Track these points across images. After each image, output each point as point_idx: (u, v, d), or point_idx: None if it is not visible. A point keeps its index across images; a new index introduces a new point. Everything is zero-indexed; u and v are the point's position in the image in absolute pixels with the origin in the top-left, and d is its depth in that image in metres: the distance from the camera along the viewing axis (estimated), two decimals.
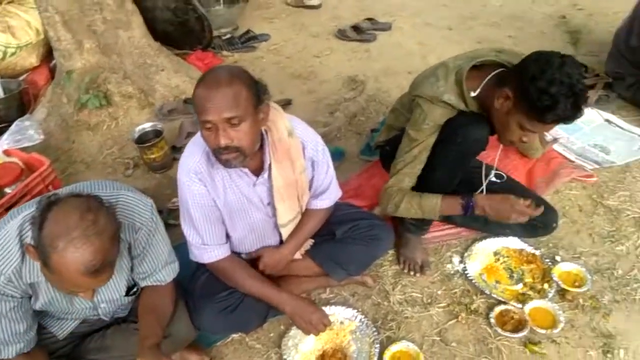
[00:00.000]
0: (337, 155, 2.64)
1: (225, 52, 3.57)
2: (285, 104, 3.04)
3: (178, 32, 3.42)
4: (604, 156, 2.49)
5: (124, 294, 1.55)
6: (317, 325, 1.74)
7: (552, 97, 1.46)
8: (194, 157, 1.57)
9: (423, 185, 1.88)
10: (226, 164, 1.48)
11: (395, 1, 4.30)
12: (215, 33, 3.70)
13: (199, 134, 1.55)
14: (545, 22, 3.77)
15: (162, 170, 2.65)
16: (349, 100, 3.02)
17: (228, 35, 3.79)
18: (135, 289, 1.59)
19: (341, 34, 3.77)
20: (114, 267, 1.29)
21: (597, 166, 2.43)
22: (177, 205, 2.38)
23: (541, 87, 1.46)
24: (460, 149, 1.76)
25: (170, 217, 2.36)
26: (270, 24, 4.07)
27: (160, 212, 2.29)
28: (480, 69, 1.72)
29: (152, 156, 2.56)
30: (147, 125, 2.66)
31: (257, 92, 1.44)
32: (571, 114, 1.51)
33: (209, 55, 3.39)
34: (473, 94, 1.70)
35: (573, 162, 2.46)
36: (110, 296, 1.53)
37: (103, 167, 2.76)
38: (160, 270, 1.59)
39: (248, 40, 3.71)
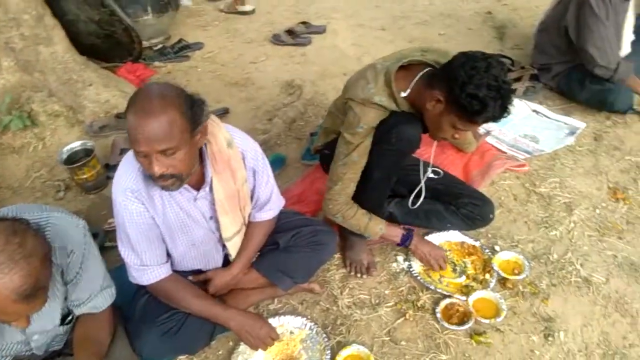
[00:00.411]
0: (279, 162, 2.62)
1: (157, 63, 3.47)
2: (223, 113, 2.98)
3: (105, 44, 3.28)
4: (534, 145, 2.60)
5: (58, 323, 1.46)
6: (264, 339, 1.71)
7: (481, 101, 1.52)
8: (128, 175, 1.50)
9: (362, 186, 1.90)
10: (164, 189, 1.44)
11: (328, 4, 4.33)
12: (146, 44, 3.60)
13: (129, 155, 1.49)
14: (473, 19, 3.90)
15: (96, 191, 2.53)
16: (287, 105, 3.00)
17: (160, 46, 3.68)
18: (70, 317, 1.51)
19: (276, 39, 3.74)
20: (47, 291, 1.21)
21: (528, 155, 2.53)
22: (114, 226, 2.27)
23: (471, 93, 1.52)
24: (395, 149, 1.78)
25: (106, 239, 2.26)
26: (204, 32, 3.99)
27: (95, 234, 2.23)
28: (408, 69, 1.75)
29: (84, 176, 2.44)
30: (77, 144, 2.53)
31: (194, 116, 1.37)
32: (499, 114, 1.58)
33: (140, 67, 3.27)
34: (403, 95, 1.73)
35: (505, 153, 2.56)
36: (44, 326, 1.43)
37: (32, 191, 2.60)
38: (95, 295, 1.52)
39: (181, 49, 3.62)
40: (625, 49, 2.74)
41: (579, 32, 2.62)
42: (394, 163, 1.85)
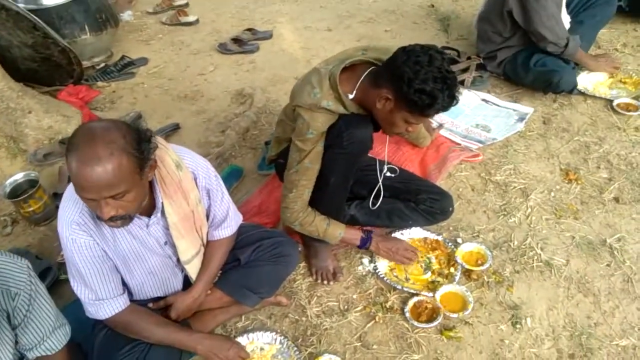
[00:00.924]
0: (236, 174, 2.57)
1: (100, 83, 3.34)
2: (174, 129, 2.90)
3: (44, 68, 3.14)
4: (486, 134, 2.63)
5: None
6: None
7: (430, 94, 1.54)
8: (72, 209, 1.43)
9: (320, 193, 1.87)
10: (114, 226, 1.40)
11: (273, 8, 4.28)
12: (87, 63, 3.47)
13: (71, 188, 1.41)
14: (417, 13, 3.93)
15: (46, 222, 2.41)
16: (238, 115, 2.94)
17: (102, 65, 3.55)
18: None
19: (222, 48, 3.68)
20: None
21: (481, 145, 2.56)
22: None
23: (419, 89, 1.53)
24: (348, 152, 1.77)
25: (60, 272, 2.15)
26: (148, 47, 3.88)
27: (48, 268, 2.12)
28: (352, 70, 1.74)
29: (30, 209, 2.32)
30: (19, 176, 2.41)
31: (142, 153, 1.31)
32: (449, 104, 1.60)
33: (82, 89, 3.14)
34: (350, 96, 1.73)
35: (459, 144, 2.58)
36: None
37: None
38: (48, 337, 1.43)
39: (125, 66, 3.50)
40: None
41: (526, 15, 2.66)
42: (348, 166, 1.83)
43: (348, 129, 1.73)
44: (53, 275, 2.12)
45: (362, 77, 1.72)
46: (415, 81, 1.53)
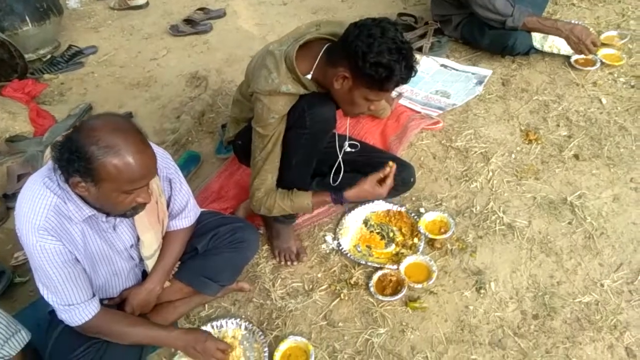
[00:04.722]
0: (193, 160, 2.50)
1: (47, 76, 3.19)
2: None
3: None
4: (446, 100, 2.59)
5: None
6: (213, 352, 1.64)
7: (386, 67, 1.51)
8: (37, 213, 1.35)
9: (283, 174, 1.83)
10: (130, 216, 1.45)
11: None
12: (32, 56, 3.32)
13: (30, 190, 1.37)
14: None
15: None
16: (193, 99, 2.85)
17: (49, 56, 3.39)
18: None
19: (175, 30, 3.54)
20: None
21: (441, 112, 2.52)
22: (21, 260, 2.13)
23: (375, 62, 1.50)
24: (311, 132, 1.73)
25: (15, 275, 2.09)
26: (97, 34, 3.72)
27: (2, 272, 2.04)
28: (307, 47, 1.68)
29: None
30: None
31: None
32: (407, 75, 1.57)
33: (28, 83, 3.00)
34: (309, 77, 1.68)
35: (419, 112, 2.53)
36: None
37: None
38: (1, 347, 1.39)
39: (73, 56, 3.35)
40: None
41: None
42: (312, 147, 1.79)
43: (311, 109, 1.69)
44: (7, 279, 2.05)
45: (319, 56, 1.66)
46: (369, 55, 1.49)
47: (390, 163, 1.82)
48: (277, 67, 1.66)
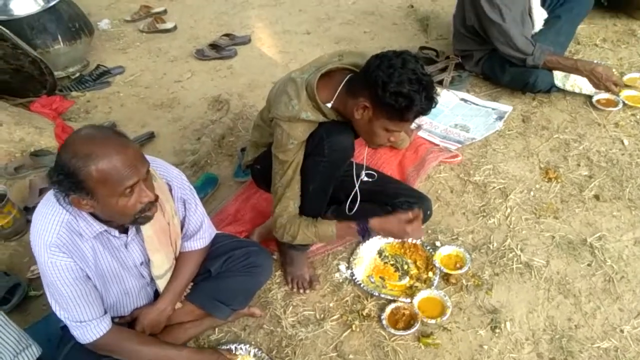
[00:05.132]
0: (211, 182, 2.52)
1: (74, 93, 3.28)
2: (148, 138, 2.85)
3: (16, 80, 3.08)
4: (465, 134, 2.59)
5: None
6: None
7: (406, 96, 1.52)
8: (49, 230, 1.37)
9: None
10: (145, 221, 1.42)
11: (252, 13, 4.24)
12: (61, 74, 3.42)
13: (45, 207, 1.39)
14: (396, 14, 3.89)
15: (16, 237, 2.35)
16: (214, 122, 2.89)
17: (77, 74, 3.49)
18: None
19: (200, 54, 3.62)
20: None
21: (460, 145, 2.52)
22: (37, 274, 2.14)
23: (395, 91, 1.51)
24: (329, 160, 1.74)
25: (30, 288, 2.10)
26: (125, 55, 3.82)
27: (18, 285, 2.06)
28: (328, 76, 1.71)
29: None
30: None
31: None
32: (427, 106, 1.58)
33: (56, 99, 3.07)
34: (329, 105, 1.69)
35: (438, 145, 2.53)
36: None
37: None
38: None
39: (100, 75, 3.44)
40: (538, 24, 2.77)
41: (484, 31, 2.67)
42: (330, 174, 1.80)
43: (329, 137, 1.70)
44: (22, 291, 2.07)
45: (340, 86, 1.68)
46: (390, 84, 1.51)
47: (417, 209, 1.80)
48: (297, 94, 1.68)
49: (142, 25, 4.11)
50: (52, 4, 3.30)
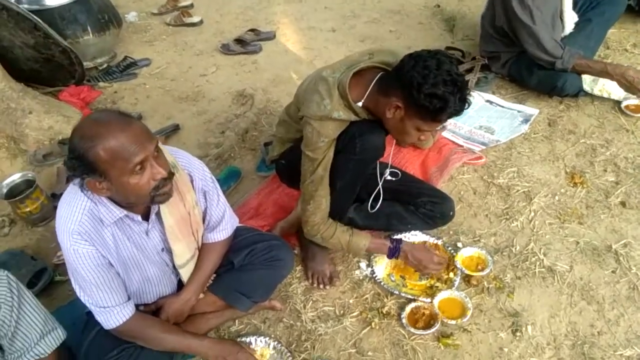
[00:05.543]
0: (234, 176, 2.54)
1: (102, 83, 3.33)
2: (173, 130, 2.88)
3: (46, 69, 3.14)
4: (490, 136, 2.57)
5: None
6: None
7: (441, 98, 1.51)
8: (72, 218, 1.40)
9: None
10: (163, 199, 1.41)
11: (277, 9, 4.26)
12: (90, 64, 3.46)
13: (69, 194, 1.41)
14: (422, 13, 3.88)
15: (43, 223, 2.40)
16: (238, 116, 2.91)
17: (105, 65, 3.54)
18: None
19: (225, 49, 3.65)
20: None
21: (484, 147, 2.51)
22: (63, 259, 2.18)
23: (429, 93, 1.51)
24: (360, 158, 1.74)
25: (56, 273, 2.14)
26: (151, 47, 3.87)
27: (44, 269, 2.11)
28: (359, 74, 1.70)
29: (27, 209, 2.31)
30: (17, 177, 2.40)
31: None
32: (461, 107, 1.58)
33: (84, 89, 3.13)
34: (360, 104, 1.70)
35: (462, 146, 2.52)
36: None
37: None
38: (36, 344, 1.43)
39: (127, 67, 3.48)
40: (568, 27, 2.74)
41: (513, 33, 2.65)
42: (359, 172, 1.80)
43: (362, 136, 1.70)
44: (48, 276, 2.11)
45: (371, 85, 1.69)
46: (424, 85, 1.50)
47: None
48: (329, 93, 1.68)
49: (169, 19, 4.16)
50: None
